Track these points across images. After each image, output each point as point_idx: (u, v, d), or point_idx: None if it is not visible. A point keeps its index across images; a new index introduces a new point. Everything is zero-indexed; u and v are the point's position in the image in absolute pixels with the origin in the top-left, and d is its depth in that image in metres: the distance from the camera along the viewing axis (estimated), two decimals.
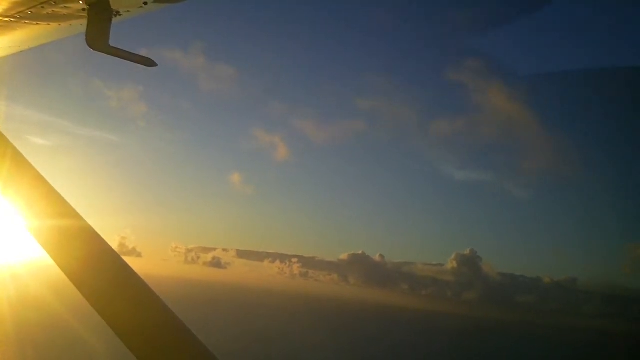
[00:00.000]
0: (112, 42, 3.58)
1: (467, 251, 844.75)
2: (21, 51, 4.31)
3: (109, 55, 3.59)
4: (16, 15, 3.56)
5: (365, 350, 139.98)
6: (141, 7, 3.52)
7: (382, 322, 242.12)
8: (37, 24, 3.69)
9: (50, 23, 3.69)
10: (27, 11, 3.50)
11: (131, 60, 3.73)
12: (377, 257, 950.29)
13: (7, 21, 3.66)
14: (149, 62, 3.82)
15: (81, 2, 3.43)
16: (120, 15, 3.57)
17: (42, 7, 3.45)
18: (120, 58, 3.66)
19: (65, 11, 3.51)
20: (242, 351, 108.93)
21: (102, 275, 3.47)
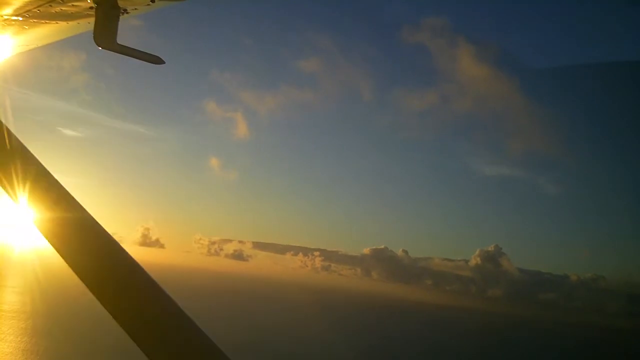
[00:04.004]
0: (120, 40, 3.60)
1: (491, 247, 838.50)
2: (29, 50, 4.36)
3: (116, 53, 3.60)
4: (24, 14, 3.60)
5: (388, 346, 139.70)
6: (148, 4, 3.53)
7: (405, 318, 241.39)
8: (46, 22, 3.71)
9: (58, 22, 3.71)
10: (35, 10, 3.52)
11: (138, 58, 3.74)
12: (400, 252, 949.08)
13: (15, 20, 3.70)
14: (156, 60, 3.82)
15: (89, 1, 3.45)
16: (127, 13, 3.58)
17: (50, 6, 3.47)
18: (128, 56, 3.67)
19: (73, 9, 3.53)
20: (263, 344, 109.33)
21: (105, 267, 3.48)
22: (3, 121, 4.07)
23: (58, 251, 3.56)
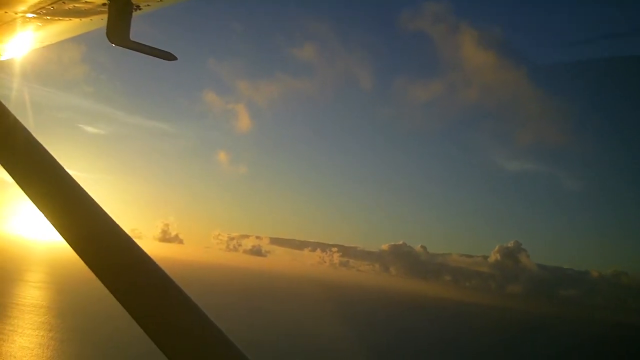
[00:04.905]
0: (132, 37, 3.61)
1: (511, 243, 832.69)
2: (43, 47, 4.40)
3: (129, 50, 3.61)
4: (38, 12, 3.62)
5: (407, 342, 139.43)
6: (161, 0, 3.54)
7: (424, 314, 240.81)
8: (59, 19, 3.73)
9: (71, 18, 3.73)
10: (48, 7, 3.54)
11: (151, 55, 3.74)
12: (418, 248, 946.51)
13: (29, 17, 3.73)
14: (169, 56, 3.83)
15: None
16: (140, 9, 3.59)
17: (64, 3, 3.49)
18: (141, 52, 3.67)
19: (86, 6, 3.54)
20: (281, 342, 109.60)
21: (118, 262, 3.48)
22: (18, 117, 4.11)
23: (72, 247, 3.59)
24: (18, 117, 4.15)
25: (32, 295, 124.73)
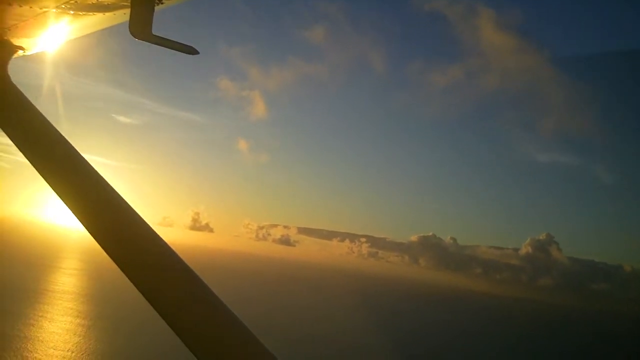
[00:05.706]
0: (155, 31, 3.62)
1: (542, 236, 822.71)
2: (69, 41, 4.46)
3: (151, 44, 3.63)
4: (62, 6, 3.66)
5: (436, 335, 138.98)
6: None
7: (454, 306, 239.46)
8: (83, 14, 3.77)
9: (95, 13, 3.77)
10: (72, 2, 3.58)
11: (174, 49, 3.75)
12: (447, 240, 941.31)
13: (54, 12, 3.78)
14: (191, 50, 3.83)
15: None
16: (162, 3, 3.60)
17: None
18: (163, 46, 3.68)
19: (109, 0, 3.57)
20: (312, 334, 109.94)
21: (137, 250, 3.55)
22: (46, 109, 4.19)
23: (93, 237, 3.66)
24: (46, 110, 4.24)
25: (64, 282, 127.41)
